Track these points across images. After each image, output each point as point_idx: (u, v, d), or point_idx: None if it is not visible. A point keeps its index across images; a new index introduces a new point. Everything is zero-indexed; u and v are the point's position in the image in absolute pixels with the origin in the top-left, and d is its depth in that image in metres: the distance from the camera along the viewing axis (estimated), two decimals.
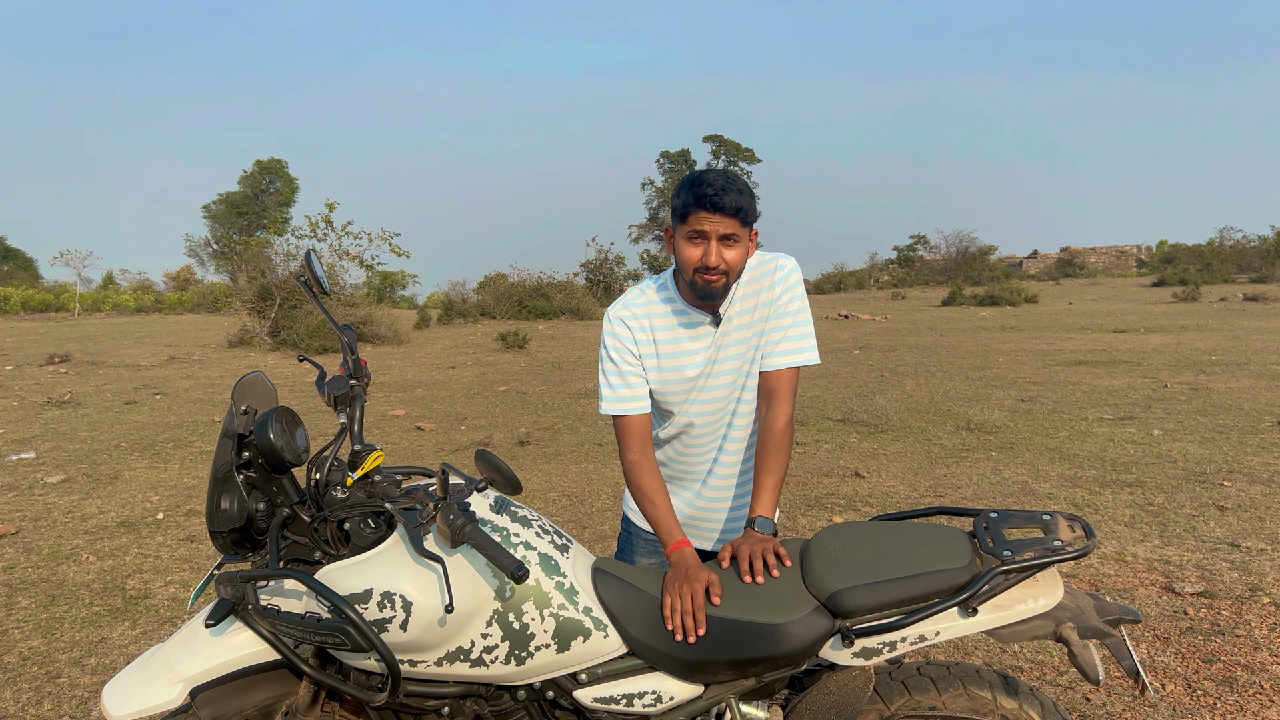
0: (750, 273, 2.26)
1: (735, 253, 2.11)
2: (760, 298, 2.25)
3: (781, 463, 2.16)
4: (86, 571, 4.80)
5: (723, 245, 2.09)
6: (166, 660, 1.82)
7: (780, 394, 2.22)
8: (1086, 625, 1.83)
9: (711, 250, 2.09)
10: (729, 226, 2.07)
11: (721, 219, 2.06)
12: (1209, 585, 4.18)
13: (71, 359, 16.45)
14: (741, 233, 2.10)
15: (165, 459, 7.84)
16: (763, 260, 2.27)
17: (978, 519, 1.98)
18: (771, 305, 2.24)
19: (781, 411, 2.21)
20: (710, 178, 2.08)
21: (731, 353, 2.26)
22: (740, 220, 2.08)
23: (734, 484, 2.40)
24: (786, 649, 1.82)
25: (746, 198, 2.08)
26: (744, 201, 2.07)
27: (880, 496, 5.95)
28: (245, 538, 1.87)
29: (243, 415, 1.90)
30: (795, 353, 2.23)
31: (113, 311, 39.10)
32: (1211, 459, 6.69)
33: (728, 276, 2.13)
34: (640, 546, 2.54)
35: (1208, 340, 15.71)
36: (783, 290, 2.24)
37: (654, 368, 2.27)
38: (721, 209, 2.05)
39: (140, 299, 42.76)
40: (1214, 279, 36.94)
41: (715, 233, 2.08)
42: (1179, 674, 3.33)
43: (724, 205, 2.04)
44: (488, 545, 1.64)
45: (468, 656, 1.79)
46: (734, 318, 2.25)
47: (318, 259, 2.22)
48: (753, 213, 2.11)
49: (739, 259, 2.13)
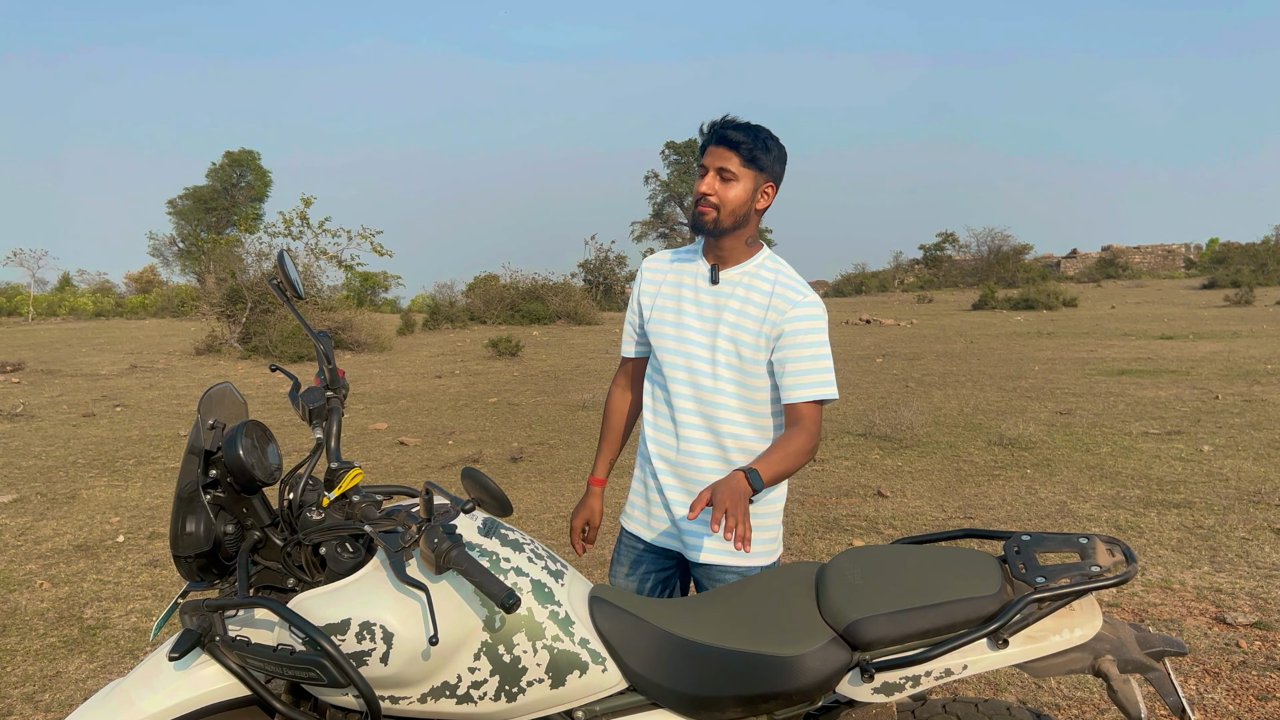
0: (775, 272, 2.42)
1: (732, 191, 2.33)
2: (774, 304, 2.36)
3: (791, 447, 2.21)
4: (40, 599, 4.81)
5: (719, 179, 2.33)
6: (127, 696, 1.83)
7: (804, 421, 2.31)
8: (1127, 658, 1.83)
9: (706, 180, 2.34)
10: (727, 160, 2.31)
11: (723, 152, 2.31)
12: (1264, 615, 4.17)
13: (24, 367, 16.49)
14: (742, 173, 2.32)
15: (126, 477, 7.85)
16: (796, 280, 2.42)
17: (1009, 542, 1.98)
18: (787, 326, 2.34)
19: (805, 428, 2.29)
20: (730, 117, 2.35)
21: (719, 317, 2.41)
22: (742, 158, 2.31)
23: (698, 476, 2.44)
24: (800, 684, 1.82)
25: (754, 139, 2.31)
26: (747, 138, 2.30)
27: (905, 518, 5.95)
28: (212, 563, 1.88)
29: (210, 430, 1.91)
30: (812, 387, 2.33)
31: (69, 316, 39.19)
32: (1267, 477, 6.69)
33: (719, 211, 2.34)
34: (624, 552, 2.62)
35: (1263, 347, 15.70)
36: (808, 323, 2.36)
37: (651, 306, 2.55)
38: (724, 141, 2.30)
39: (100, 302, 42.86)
40: (1270, 281, 36.90)
41: (713, 165, 2.33)
42: (1230, 712, 3.33)
43: (727, 137, 2.30)
44: (475, 571, 1.65)
45: (454, 692, 1.79)
46: (735, 289, 2.41)
47: (291, 260, 2.24)
48: (761, 157, 2.32)
49: (736, 199, 2.33)
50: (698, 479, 2.45)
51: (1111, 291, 36.83)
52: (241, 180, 54.79)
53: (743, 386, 2.41)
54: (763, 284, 2.40)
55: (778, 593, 2.00)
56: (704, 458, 2.45)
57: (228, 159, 54.81)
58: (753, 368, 2.39)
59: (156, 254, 55.18)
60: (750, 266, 2.44)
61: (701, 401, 2.44)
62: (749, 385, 2.41)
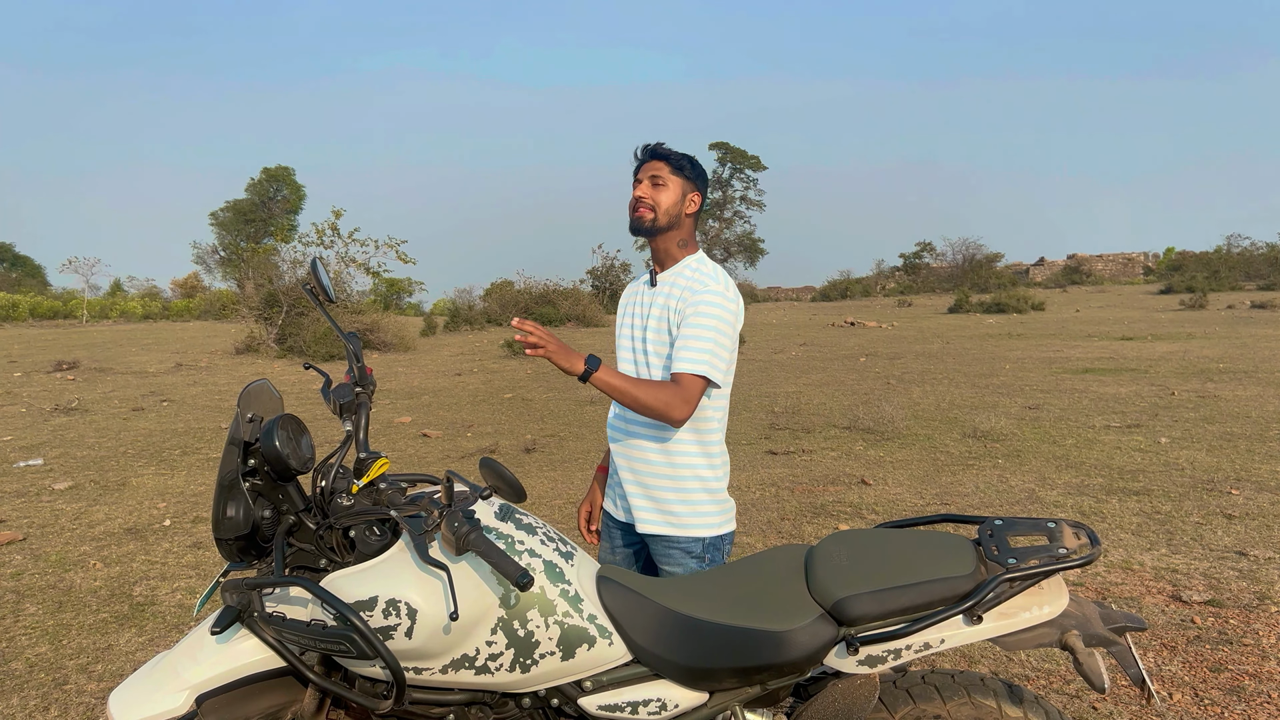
0: (697, 269, 2.50)
1: (663, 194, 2.48)
2: (686, 293, 2.44)
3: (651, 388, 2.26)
4: (93, 578, 4.82)
5: (651, 185, 2.48)
6: (172, 667, 1.83)
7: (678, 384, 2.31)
8: (1091, 633, 1.83)
9: (642, 186, 2.49)
10: (656, 169, 2.49)
11: (654, 164, 2.50)
12: (1216, 594, 4.16)
13: (79, 366, 16.52)
14: (670, 179, 2.48)
15: (172, 466, 7.86)
16: (713, 275, 2.47)
17: (982, 527, 1.97)
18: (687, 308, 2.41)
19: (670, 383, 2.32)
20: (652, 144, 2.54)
21: (649, 320, 2.50)
22: (669, 166, 2.48)
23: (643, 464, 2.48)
24: (791, 656, 1.82)
25: (680, 154, 2.51)
26: (676, 153, 2.51)
27: (886, 504, 5.94)
28: (251, 545, 1.88)
29: (248, 423, 1.91)
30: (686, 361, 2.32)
31: (120, 318, 39.24)
32: (1219, 467, 6.67)
33: (655, 213, 2.47)
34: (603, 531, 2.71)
35: (1215, 348, 15.66)
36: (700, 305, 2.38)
37: (617, 321, 2.69)
38: (654, 154, 2.50)
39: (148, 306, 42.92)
40: (1221, 286, 36.83)
41: (646, 175, 2.50)
42: (1186, 683, 3.32)
43: (657, 152, 2.50)
44: (492, 553, 1.65)
45: (472, 664, 1.79)
46: (669, 288, 2.50)
47: (324, 267, 2.24)
48: (686, 168, 2.50)
49: (668, 200, 2.48)
50: (641, 457, 2.49)
51: (1076, 296, 36.76)
52: (278, 194, 54.82)
53: (665, 360, 2.46)
54: (684, 280, 2.48)
55: (770, 573, 2.00)
56: (644, 437, 2.48)
57: (265, 175, 54.85)
58: (669, 350, 2.44)
59: (200, 262, 55.30)
60: (679, 266, 2.53)
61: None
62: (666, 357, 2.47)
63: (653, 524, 2.47)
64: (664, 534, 2.46)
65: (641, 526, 2.49)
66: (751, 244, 62.76)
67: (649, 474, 2.47)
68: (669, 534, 2.45)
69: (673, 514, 2.44)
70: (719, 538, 2.48)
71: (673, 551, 2.45)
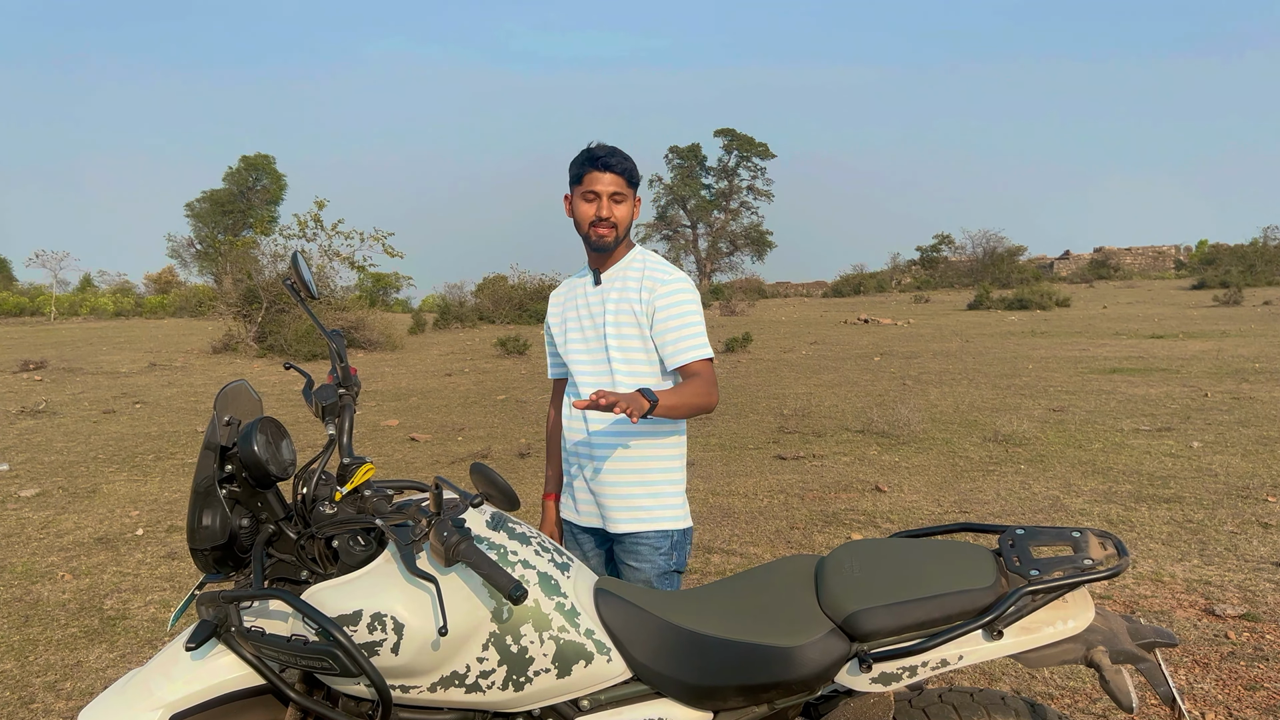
0: (643, 262, 2.64)
1: (622, 210, 2.58)
2: (644, 284, 2.58)
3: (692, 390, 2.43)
4: (62, 591, 4.82)
5: (612, 202, 2.55)
6: (145, 685, 1.83)
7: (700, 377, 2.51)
8: (1119, 649, 1.83)
9: (603, 205, 2.55)
10: (617, 185, 2.55)
11: (611, 178, 2.55)
12: (1252, 607, 4.16)
13: (47, 365, 16.54)
14: (627, 192, 2.58)
15: (145, 471, 7.87)
16: (662, 264, 2.64)
17: (1003, 536, 1.97)
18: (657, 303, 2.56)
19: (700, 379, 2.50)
20: (600, 147, 2.58)
21: (606, 318, 2.60)
22: (627, 180, 2.56)
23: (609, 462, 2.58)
24: (800, 674, 1.82)
25: (631, 163, 2.58)
26: (629, 164, 2.57)
27: (902, 512, 5.94)
28: (228, 556, 1.88)
29: (225, 426, 1.91)
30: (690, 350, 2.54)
31: (91, 315, 39.29)
32: (1255, 473, 6.67)
33: (616, 230, 2.57)
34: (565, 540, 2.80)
35: (1251, 346, 15.66)
36: (672, 298, 2.56)
37: (558, 323, 2.76)
38: (611, 168, 2.54)
39: (120, 302, 42.97)
40: (1258, 281, 36.82)
41: (605, 191, 2.54)
42: (1220, 702, 3.32)
43: (613, 165, 2.54)
44: (484, 564, 1.65)
45: (463, 682, 1.79)
46: (614, 285, 2.62)
47: (305, 262, 2.24)
48: (636, 176, 2.60)
49: (626, 216, 2.59)
50: (605, 456, 2.59)
51: (1103, 292, 36.76)
52: (257, 184, 54.90)
53: (631, 364, 2.58)
54: (634, 274, 2.62)
55: (778, 585, 2.00)
56: (609, 434, 2.59)
57: (244, 163, 54.92)
58: (637, 345, 2.58)
59: (175, 255, 55.37)
60: (622, 263, 2.66)
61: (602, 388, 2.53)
62: (636, 361, 2.58)
63: (624, 522, 2.57)
64: (634, 531, 2.57)
65: (614, 526, 2.59)
66: (759, 236, 62.83)
67: (614, 471, 2.59)
68: (639, 530, 2.57)
69: (642, 509, 2.57)
70: (683, 532, 2.62)
71: (641, 548, 2.56)
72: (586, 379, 2.64)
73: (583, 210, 2.58)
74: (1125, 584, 4.50)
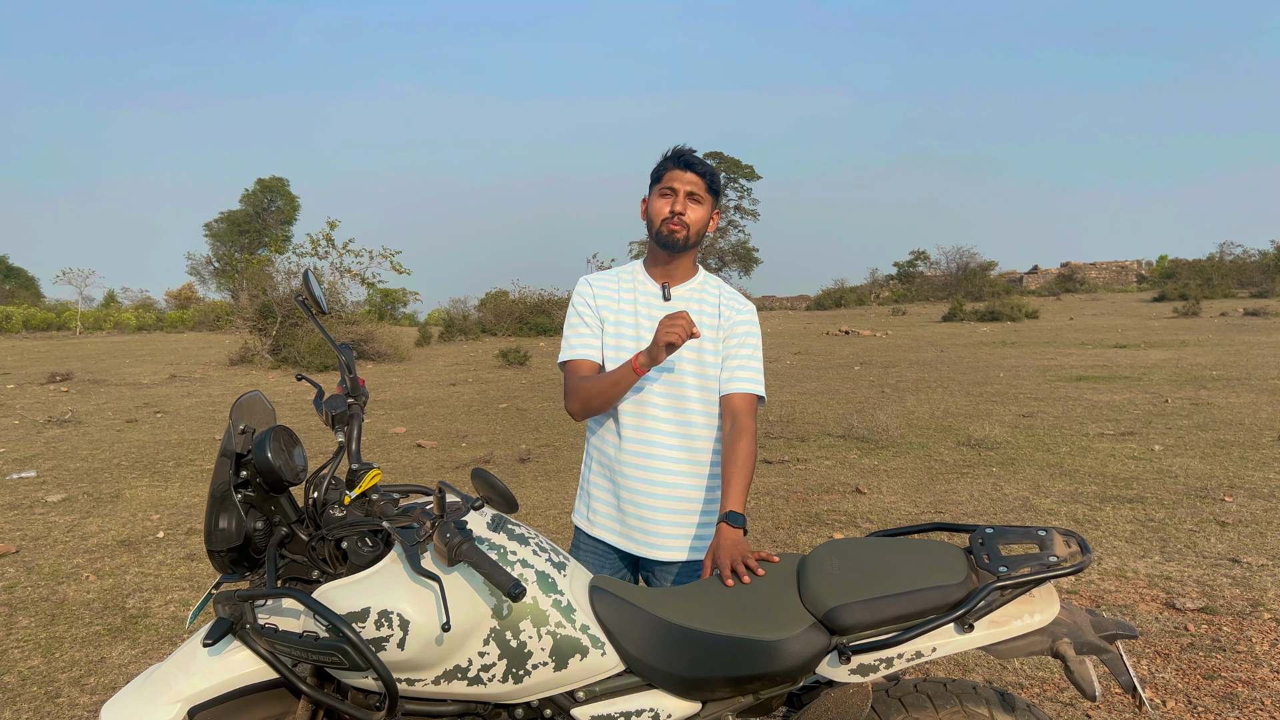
0: (719, 288, 2.54)
1: (697, 212, 2.42)
2: (723, 310, 2.48)
3: (747, 465, 2.30)
4: (86, 590, 4.80)
5: (689, 200, 2.40)
6: (165, 680, 1.82)
7: (742, 416, 2.39)
8: (1083, 641, 1.83)
9: (679, 200, 2.40)
10: (695, 185, 2.40)
11: (691, 177, 2.40)
12: (1210, 601, 4.17)
13: (73, 377, 16.48)
14: (705, 197, 2.43)
15: (166, 477, 7.84)
16: (737, 294, 2.56)
17: (974, 535, 1.98)
18: (735, 326, 2.47)
19: (745, 428, 2.37)
20: (685, 149, 2.45)
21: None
22: (706, 183, 2.42)
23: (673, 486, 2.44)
24: (783, 666, 1.82)
25: (713, 169, 2.44)
26: (712, 170, 2.43)
27: (881, 513, 5.94)
28: (243, 557, 1.88)
29: (241, 434, 1.91)
30: (752, 382, 2.44)
31: (114, 330, 39.19)
32: (1212, 474, 6.69)
33: (688, 230, 2.41)
34: (585, 557, 2.58)
35: (1208, 355, 15.71)
36: (750, 326, 2.49)
37: (613, 323, 2.50)
38: (692, 168, 2.40)
39: (142, 317, 42.88)
40: (1214, 294, 36.98)
41: (683, 188, 2.40)
42: (1180, 690, 3.32)
43: (695, 165, 2.40)
44: (485, 563, 1.65)
45: (465, 675, 1.79)
46: (687, 304, 2.49)
47: (316, 279, 2.24)
48: (718, 184, 2.46)
49: (700, 219, 2.43)
50: (666, 468, 2.44)
51: (1070, 304, 36.86)
52: (272, 205, 54.87)
53: (702, 379, 2.45)
54: (710, 297, 2.52)
55: (763, 582, 2.00)
56: (671, 449, 2.45)
57: (260, 185, 54.90)
58: (711, 359, 2.45)
59: (194, 273, 55.31)
60: (696, 284, 2.54)
61: (673, 398, 2.45)
62: (706, 376, 2.45)
63: (676, 550, 2.45)
64: (684, 559, 2.45)
65: (667, 554, 2.45)
66: (746, 253, 62.89)
67: (680, 499, 2.45)
68: (688, 558, 2.46)
69: (698, 537, 2.46)
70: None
71: (664, 576, 2.47)
72: (654, 391, 2.44)
73: (657, 206, 2.43)
74: (1091, 579, 4.51)
